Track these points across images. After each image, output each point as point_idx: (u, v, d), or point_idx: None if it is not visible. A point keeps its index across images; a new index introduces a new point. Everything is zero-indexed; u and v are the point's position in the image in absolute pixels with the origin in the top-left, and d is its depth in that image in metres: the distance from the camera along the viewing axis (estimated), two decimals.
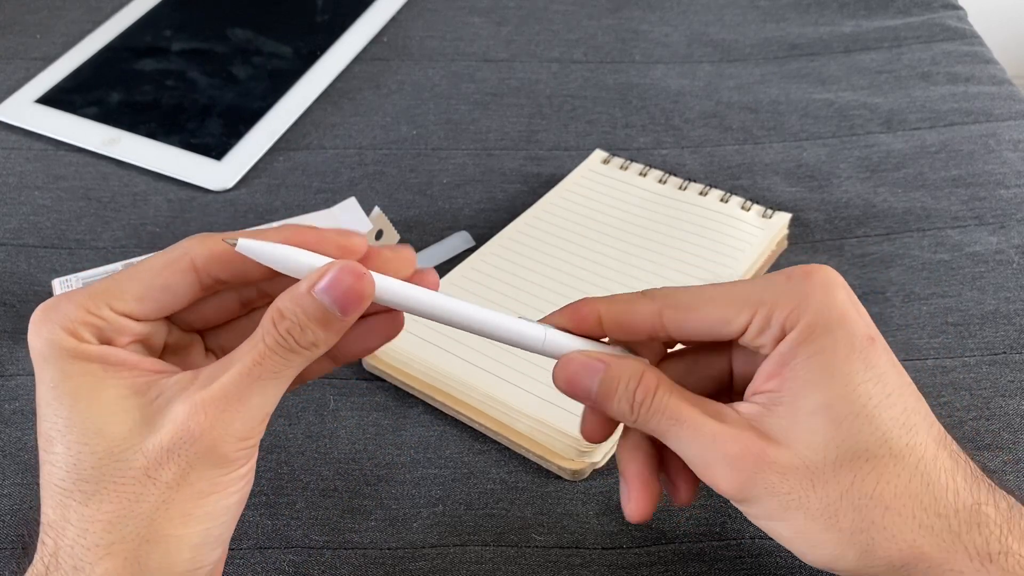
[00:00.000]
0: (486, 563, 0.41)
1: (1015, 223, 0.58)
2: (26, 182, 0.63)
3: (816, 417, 0.31)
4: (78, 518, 0.30)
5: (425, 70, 0.73)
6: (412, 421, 0.47)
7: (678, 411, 0.33)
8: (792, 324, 0.32)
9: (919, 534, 0.31)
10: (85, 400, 0.30)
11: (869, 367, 0.32)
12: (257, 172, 0.63)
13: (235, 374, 0.30)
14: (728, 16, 0.79)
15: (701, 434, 0.32)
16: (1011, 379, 0.48)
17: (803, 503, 0.31)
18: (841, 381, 0.31)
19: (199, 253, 0.32)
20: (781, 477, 0.31)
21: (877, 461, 0.31)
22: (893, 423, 0.31)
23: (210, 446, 0.30)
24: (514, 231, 0.56)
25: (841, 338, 0.32)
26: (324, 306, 0.30)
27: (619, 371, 0.34)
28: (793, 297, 0.32)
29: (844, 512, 0.31)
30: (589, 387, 0.34)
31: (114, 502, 0.30)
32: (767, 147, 0.65)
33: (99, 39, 0.75)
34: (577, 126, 0.67)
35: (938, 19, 0.76)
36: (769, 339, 0.33)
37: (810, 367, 0.32)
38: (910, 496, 0.31)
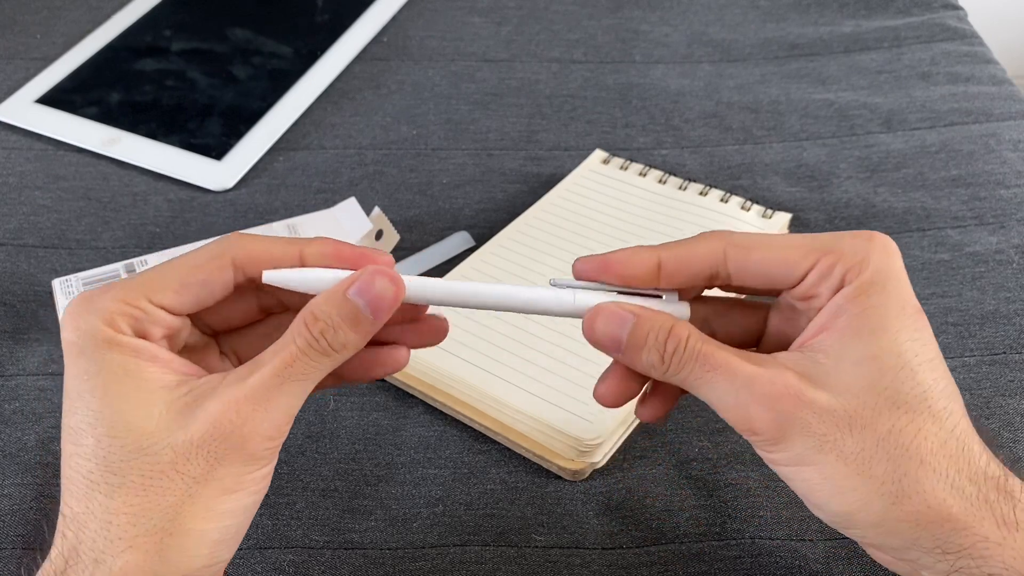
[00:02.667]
0: (486, 563, 0.41)
1: (1015, 223, 0.58)
2: (26, 182, 0.63)
3: (861, 366, 0.31)
4: (102, 510, 0.30)
5: (425, 70, 0.73)
6: (412, 421, 0.47)
7: (712, 357, 0.33)
8: (852, 277, 0.32)
9: (950, 494, 0.31)
10: (116, 392, 0.30)
11: (917, 329, 0.32)
12: (257, 172, 0.63)
13: (267, 374, 0.31)
14: (728, 16, 0.79)
15: (737, 377, 0.32)
16: (1011, 379, 0.48)
17: (838, 445, 0.31)
18: (891, 336, 0.32)
19: (239, 252, 0.33)
20: (818, 417, 0.31)
21: (916, 415, 0.31)
22: (934, 384, 0.32)
23: (239, 443, 0.31)
24: (514, 231, 0.56)
25: (895, 298, 0.32)
26: (358, 308, 0.32)
27: (650, 322, 0.33)
28: (858, 252, 0.33)
29: (878, 459, 0.31)
30: (619, 337, 0.34)
31: (140, 495, 0.30)
32: (767, 147, 0.65)
33: (99, 39, 0.75)
34: (577, 126, 0.67)
35: (938, 19, 0.76)
36: (827, 289, 0.33)
37: (863, 319, 0.32)
38: (946, 455, 0.31)
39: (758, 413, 0.32)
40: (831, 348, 0.32)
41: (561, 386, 0.46)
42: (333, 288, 0.32)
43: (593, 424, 0.45)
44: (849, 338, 0.32)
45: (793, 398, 0.31)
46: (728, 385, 0.32)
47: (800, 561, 0.41)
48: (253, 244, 0.33)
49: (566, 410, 0.45)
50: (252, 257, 0.33)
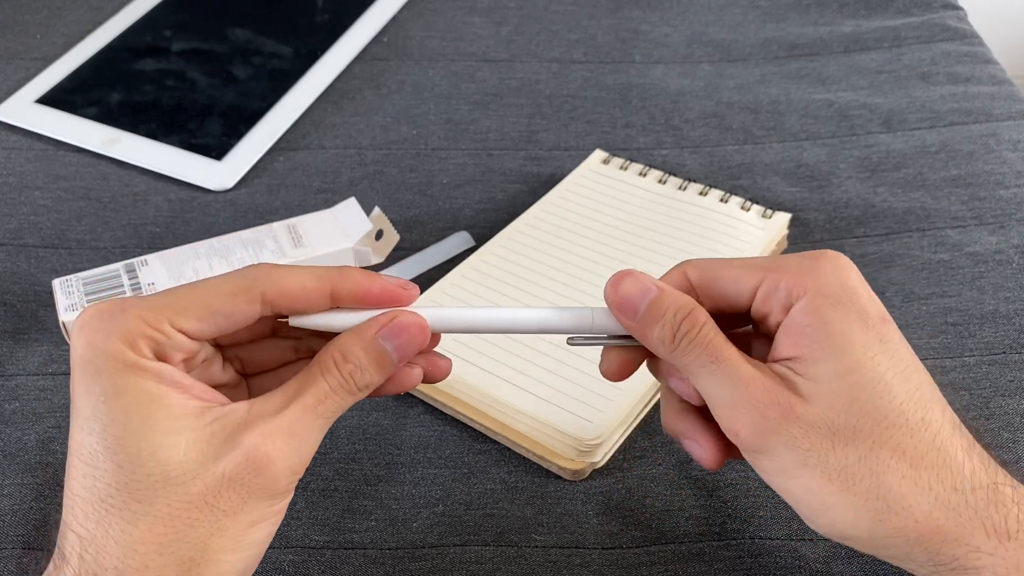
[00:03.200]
0: (486, 563, 0.41)
1: (1015, 223, 0.58)
2: (26, 182, 0.63)
3: (839, 382, 0.32)
4: (124, 537, 0.29)
5: (425, 70, 0.73)
6: (412, 421, 0.47)
7: (720, 349, 0.33)
8: (799, 293, 0.33)
9: (935, 507, 0.31)
10: (139, 419, 0.30)
11: (883, 342, 0.32)
12: (257, 172, 0.63)
13: (299, 411, 0.31)
14: (728, 16, 0.79)
15: (737, 376, 0.32)
16: (1011, 379, 0.48)
17: (821, 461, 0.31)
18: (859, 350, 0.32)
19: (270, 287, 0.33)
20: (803, 432, 0.31)
21: (895, 431, 0.31)
22: (907, 397, 0.32)
23: (271, 478, 0.31)
24: (514, 231, 0.56)
25: (854, 311, 0.32)
26: (386, 351, 0.33)
27: (672, 300, 0.34)
28: (802, 269, 0.33)
29: (861, 476, 0.31)
30: (637, 305, 0.34)
31: (167, 525, 0.29)
32: (767, 147, 0.65)
33: (99, 39, 0.75)
34: (577, 126, 0.67)
35: (938, 19, 0.76)
36: (776, 305, 0.33)
37: (828, 334, 0.32)
38: (927, 467, 0.31)
39: (747, 418, 0.32)
40: (805, 365, 0.32)
41: (561, 386, 0.46)
42: (362, 329, 0.33)
43: (593, 424, 0.45)
44: (820, 355, 0.32)
45: (783, 409, 0.32)
46: (726, 381, 0.33)
47: (800, 561, 0.41)
48: (285, 279, 0.33)
49: (566, 410, 0.45)
50: (283, 292, 0.33)
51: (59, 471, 0.45)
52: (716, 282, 0.35)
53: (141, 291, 0.51)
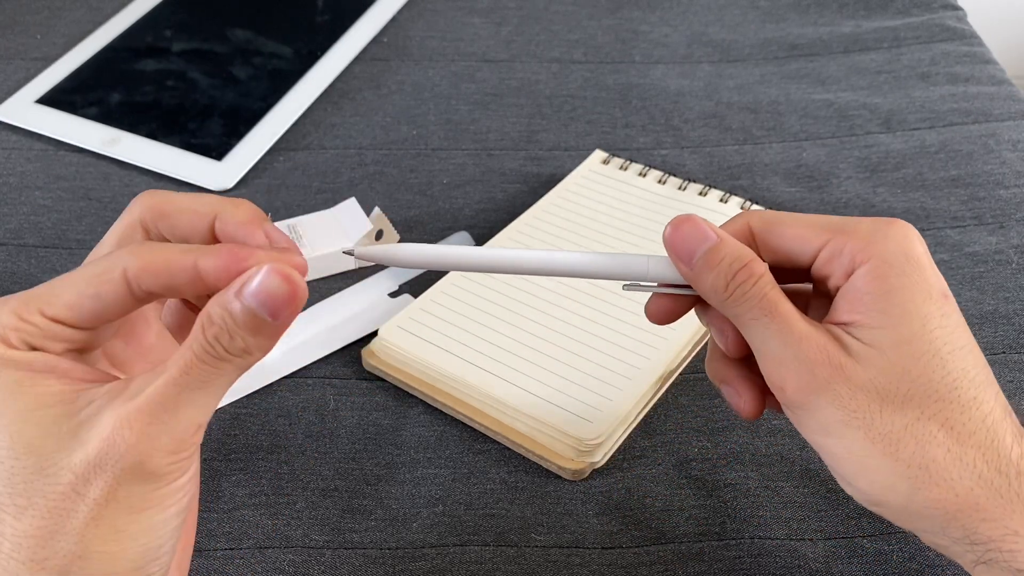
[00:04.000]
0: (486, 563, 0.41)
1: (1014, 223, 0.58)
2: (26, 182, 0.63)
3: (895, 350, 0.31)
4: (12, 532, 0.29)
5: (425, 70, 0.73)
6: (412, 421, 0.47)
7: (776, 302, 0.33)
8: (863, 259, 0.32)
9: (978, 484, 0.30)
10: (11, 413, 0.29)
11: (944, 316, 0.32)
12: (257, 172, 0.63)
13: (161, 385, 0.29)
14: (728, 16, 0.79)
15: (791, 330, 0.32)
16: (1010, 379, 0.48)
17: (867, 423, 0.31)
18: (917, 322, 0.31)
19: (131, 265, 0.30)
20: (852, 392, 0.31)
21: (945, 404, 0.31)
22: (962, 374, 0.31)
23: (137, 461, 0.29)
24: (514, 231, 0.56)
25: (918, 282, 0.32)
26: (253, 310, 0.29)
27: (732, 248, 0.33)
28: (870, 235, 0.33)
29: (906, 442, 0.31)
30: (695, 250, 0.34)
31: (45, 518, 0.29)
32: (767, 147, 0.65)
33: (99, 39, 0.75)
34: (577, 126, 0.67)
35: (938, 19, 0.76)
36: (838, 269, 0.33)
37: (889, 302, 0.32)
38: (974, 445, 0.31)
39: (795, 373, 0.32)
40: (863, 330, 0.32)
41: (561, 386, 0.46)
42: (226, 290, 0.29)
43: (593, 424, 0.45)
44: (878, 322, 0.32)
45: (834, 367, 0.31)
46: (778, 335, 0.32)
47: (800, 561, 0.41)
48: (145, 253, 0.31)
49: (566, 410, 0.45)
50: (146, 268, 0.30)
51: None
52: (779, 238, 0.34)
53: None
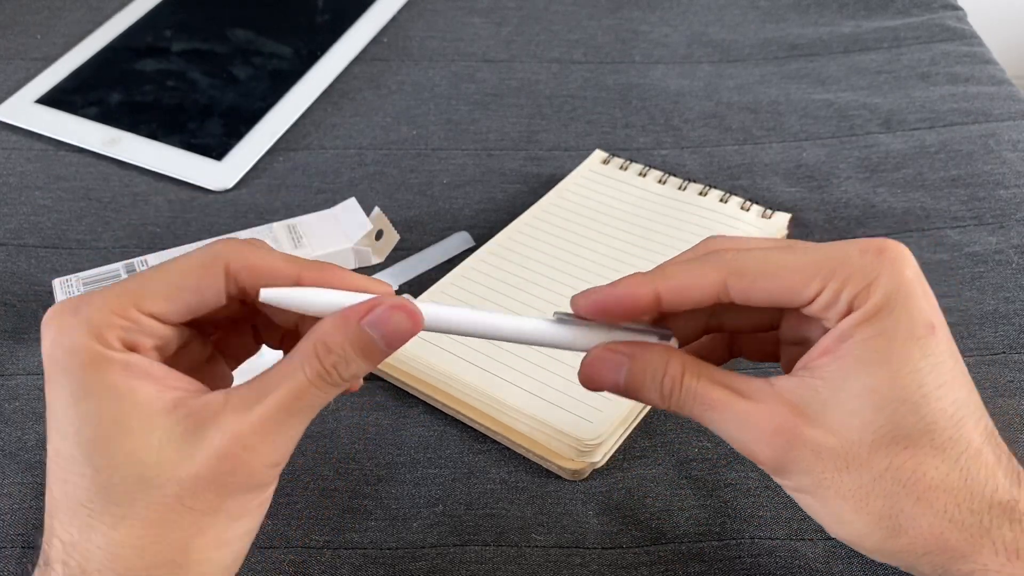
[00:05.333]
0: (486, 563, 0.41)
1: (1014, 223, 0.58)
2: (26, 182, 0.63)
3: (859, 399, 0.31)
4: (106, 542, 0.29)
5: (425, 70, 0.73)
6: (412, 421, 0.47)
7: (707, 396, 0.32)
8: (861, 303, 0.31)
9: (948, 527, 0.30)
10: (111, 420, 0.29)
11: (926, 355, 0.31)
12: (257, 172, 0.63)
13: (275, 406, 0.30)
14: (728, 16, 0.79)
15: (733, 414, 0.32)
16: (1010, 379, 0.48)
17: (835, 483, 0.31)
18: (895, 366, 0.31)
19: (235, 259, 0.31)
20: (815, 456, 0.31)
21: (917, 450, 0.31)
22: (941, 414, 0.31)
23: (247, 476, 0.30)
24: (514, 231, 0.56)
25: (903, 321, 0.31)
26: (372, 339, 0.30)
27: (644, 363, 0.33)
28: (866, 275, 0.31)
29: (875, 496, 0.31)
30: (616, 381, 0.33)
31: (147, 527, 0.29)
32: (767, 147, 0.65)
33: (99, 39, 0.75)
34: (577, 126, 0.67)
35: (938, 19, 0.76)
36: (835, 314, 0.32)
37: (866, 348, 0.31)
38: (945, 490, 0.31)
39: (759, 448, 0.32)
40: (831, 376, 0.31)
41: (561, 386, 0.46)
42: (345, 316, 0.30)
43: (593, 424, 0.45)
44: (850, 368, 0.31)
45: (789, 434, 0.31)
46: (727, 422, 0.32)
47: (800, 561, 0.41)
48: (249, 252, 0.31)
49: (566, 410, 0.45)
50: (248, 265, 0.31)
51: None
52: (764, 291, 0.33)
53: None
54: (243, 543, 0.31)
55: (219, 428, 0.29)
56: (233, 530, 0.30)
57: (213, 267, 0.31)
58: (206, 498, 0.29)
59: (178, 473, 0.29)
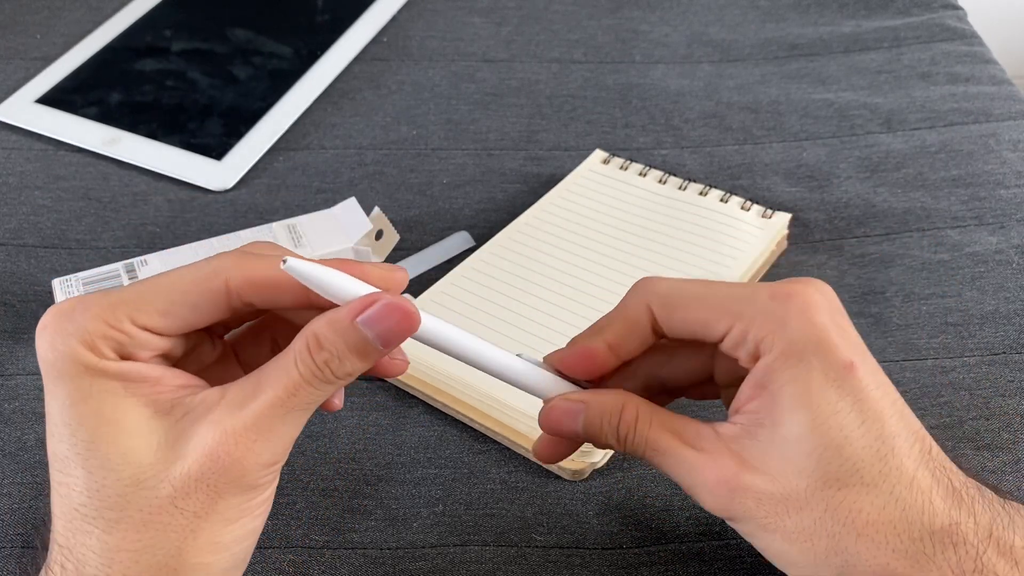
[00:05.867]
0: (486, 563, 0.41)
1: (1015, 223, 0.58)
2: (26, 182, 0.63)
3: (791, 445, 0.32)
4: (101, 547, 0.29)
5: (425, 70, 0.73)
6: (412, 421, 0.47)
7: (657, 442, 0.34)
8: (767, 348, 0.32)
9: (892, 558, 0.31)
10: (106, 423, 0.28)
11: (843, 396, 0.32)
12: (257, 172, 0.63)
13: (267, 404, 0.29)
14: (728, 16, 0.79)
15: (681, 462, 0.34)
16: (1011, 379, 0.48)
17: (779, 526, 0.32)
18: (813, 411, 0.31)
19: (234, 275, 0.30)
20: (757, 502, 0.32)
21: (849, 490, 0.31)
22: (866, 451, 0.31)
23: (239, 475, 0.29)
24: (514, 231, 0.56)
25: (816, 366, 0.32)
26: (367, 338, 0.30)
27: (599, 409, 0.35)
28: (771, 319, 0.32)
29: (818, 537, 0.32)
30: (575, 429, 0.35)
31: (140, 531, 0.28)
32: (767, 147, 0.65)
33: (99, 39, 0.75)
34: (577, 126, 0.67)
35: (938, 19, 0.76)
36: (745, 355, 0.33)
37: (785, 394, 0.32)
38: (884, 523, 0.31)
39: (705, 496, 0.33)
40: (764, 422, 0.32)
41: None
42: (340, 315, 0.30)
43: None
44: (778, 413, 0.32)
45: (731, 484, 0.32)
46: (675, 468, 0.34)
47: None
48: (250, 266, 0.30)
49: None
50: (249, 280, 0.30)
51: None
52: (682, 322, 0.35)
53: None
54: (242, 547, 0.31)
55: (210, 425, 0.29)
56: (229, 533, 0.30)
57: (212, 282, 0.30)
58: (197, 499, 0.29)
59: (170, 473, 0.28)
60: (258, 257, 0.31)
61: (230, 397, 0.29)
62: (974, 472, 0.34)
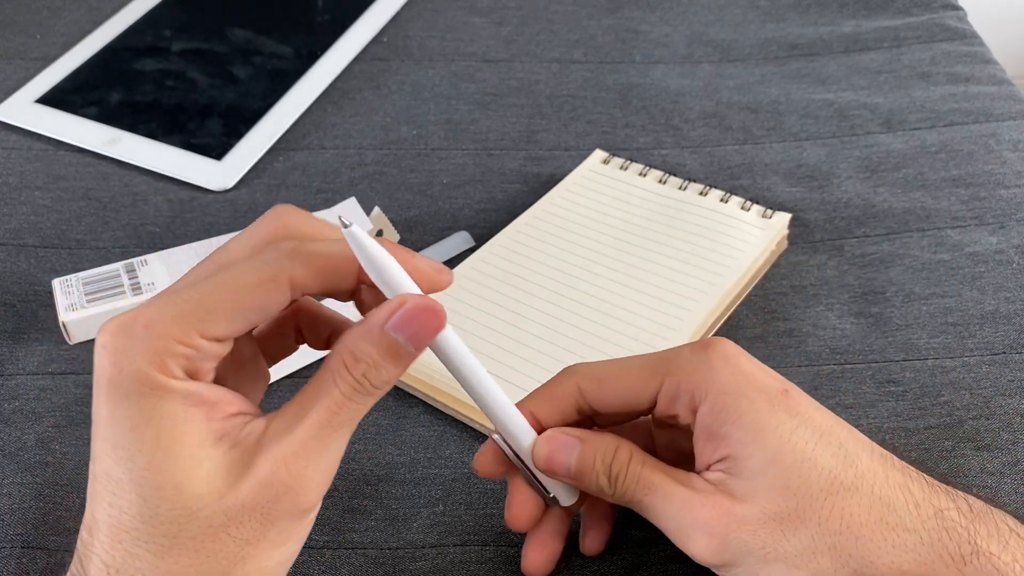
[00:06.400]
0: (486, 563, 0.41)
1: (1015, 223, 0.58)
2: (26, 182, 0.63)
3: (768, 472, 0.32)
4: (151, 570, 0.29)
5: (425, 70, 0.73)
6: (412, 421, 0.47)
7: (651, 480, 0.34)
8: (701, 396, 0.34)
9: (895, 555, 0.31)
10: (164, 450, 0.28)
11: (792, 415, 0.33)
12: (257, 172, 0.63)
13: (313, 427, 0.29)
14: (728, 16, 0.79)
15: (674, 501, 0.34)
16: (1011, 379, 0.48)
17: (780, 553, 0.32)
18: (773, 434, 0.33)
19: (299, 272, 0.30)
20: (752, 533, 0.32)
21: (834, 497, 0.32)
22: (834, 460, 0.33)
23: (292, 501, 0.30)
24: (514, 231, 0.56)
25: (757, 397, 0.33)
26: (398, 342, 0.30)
27: (595, 446, 0.35)
28: (697, 368, 0.34)
29: (821, 553, 0.32)
30: (567, 463, 0.35)
31: (191, 556, 0.29)
32: (767, 147, 0.65)
33: (99, 39, 0.75)
34: (577, 126, 0.67)
35: (938, 19, 0.76)
36: (683, 408, 0.34)
37: (739, 429, 0.33)
38: (875, 522, 0.32)
39: (698, 538, 0.33)
40: (732, 464, 0.33)
41: None
42: (369, 324, 0.30)
43: None
44: (740, 451, 0.33)
45: (726, 519, 0.33)
46: (666, 508, 0.34)
47: None
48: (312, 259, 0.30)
49: None
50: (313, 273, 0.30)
51: (59, 470, 0.45)
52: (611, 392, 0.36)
53: (141, 292, 0.51)
54: (283, 569, 0.32)
55: (263, 455, 0.29)
56: (275, 557, 0.30)
57: (278, 282, 0.30)
58: (251, 527, 0.29)
59: (224, 503, 0.29)
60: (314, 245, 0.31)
61: (276, 425, 0.30)
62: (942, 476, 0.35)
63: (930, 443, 0.45)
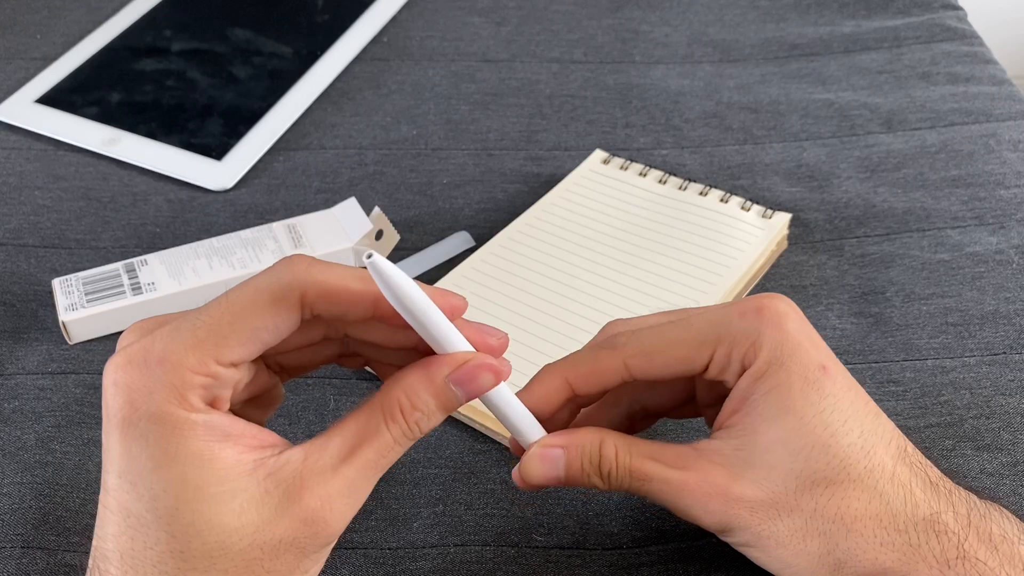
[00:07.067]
0: (486, 563, 0.41)
1: (1015, 223, 0.58)
2: (26, 182, 0.63)
3: (774, 451, 0.33)
4: None
5: (425, 70, 0.73)
6: None
7: (643, 471, 0.34)
8: (750, 361, 0.34)
9: (880, 551, 0.32)
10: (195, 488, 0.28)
11: (823, 396, 0.33)
12: (257, 172, 0.63)
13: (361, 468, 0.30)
14: (728, 16, 0.79)
15: (670, 485, 0.34)
16: (1011, 378, 0.48)
17: (772, 532, 0.33)
18: (796, 415, 0.33)
19: (311, 290, 0.29)
20: (749, 511, 0.33)
21: (837, 487, 0.33)
22: (851, 448, 0.33)
23: (329, 537, 0.30)
24: (514, 231, 0.56)
25: (795, 371, 0.33)
26: (455, 395, 0.31)
27: (578, 450, 0.35)
28: (748, 334, 0.34)
29: (811, 537, 0.33)
30: (557, 475, 0.35)
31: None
32: (767, 147, 0.65)
33: (99, 39, 0.75)
34: (577, 126, 0.67)
35: (938, 19, 0.76)
36: (731, 376, 0.34)
37: (767, 402, 0.33)
38: (870, 517, 0.32)
39: (699, 514, 0.34)
40: (746, 433, 0.34)
41: None
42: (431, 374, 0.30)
43: None
44: (759, 422, 0.33)
45: (723, 497, 0.33)
46: (665, 492, 0.34)
47: None
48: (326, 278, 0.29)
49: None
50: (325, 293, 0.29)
51: (59, 470, 0.45)
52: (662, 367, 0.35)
53: (141, 291, 0.51)
54: None
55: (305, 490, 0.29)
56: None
57: (289, 300, 0.29)
58: (286, 560, 0.29)
59: (260, 538, 0.28)
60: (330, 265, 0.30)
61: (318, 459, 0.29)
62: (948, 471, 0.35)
63: (930, 443, 0.45)
